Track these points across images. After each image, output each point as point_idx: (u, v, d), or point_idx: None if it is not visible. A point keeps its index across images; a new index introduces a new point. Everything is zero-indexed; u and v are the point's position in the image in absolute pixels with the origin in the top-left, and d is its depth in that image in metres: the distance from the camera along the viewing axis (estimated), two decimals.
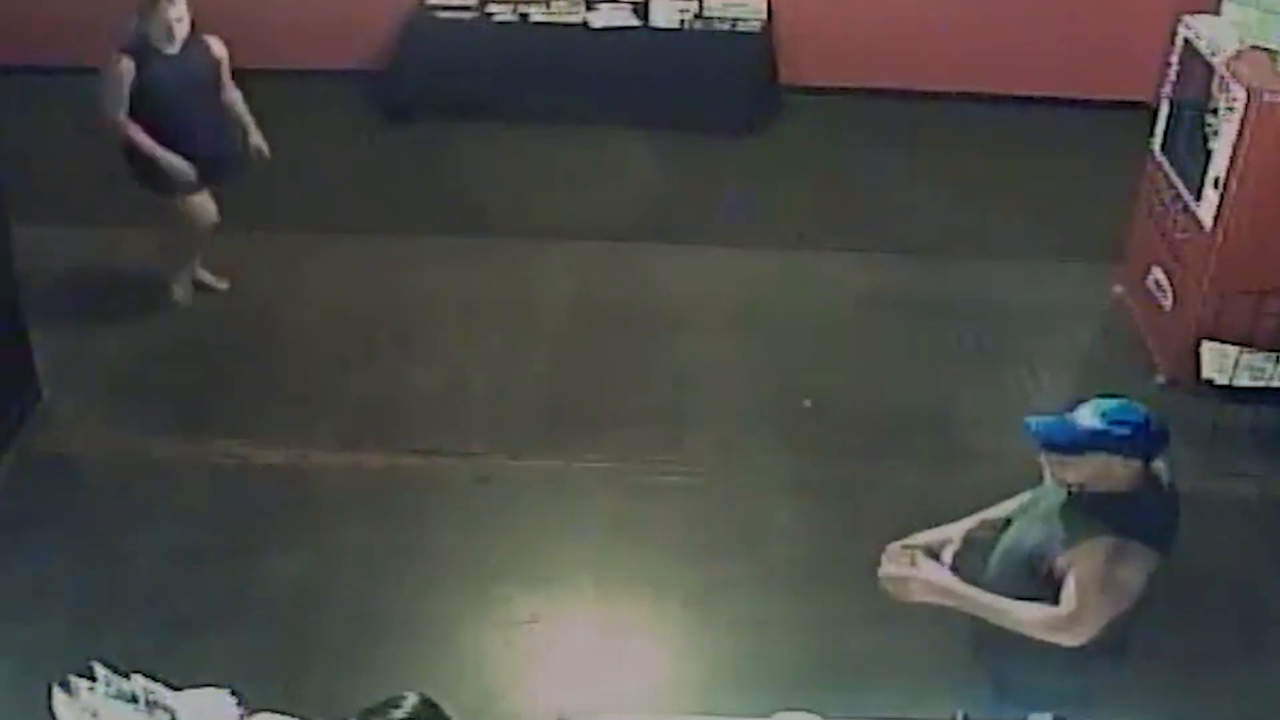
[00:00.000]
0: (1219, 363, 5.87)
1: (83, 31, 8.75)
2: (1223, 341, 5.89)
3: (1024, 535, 3.57)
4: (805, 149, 8.42)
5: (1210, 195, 5.87)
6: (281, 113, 8.38)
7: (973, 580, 3.51)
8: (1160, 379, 6.19)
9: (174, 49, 6.16)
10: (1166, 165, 6.45)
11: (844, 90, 8.93)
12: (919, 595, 3.48)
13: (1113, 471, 3.43)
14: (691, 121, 8.41)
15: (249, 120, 6.51)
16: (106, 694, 2.82)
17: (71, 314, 6.39)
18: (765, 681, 4.41)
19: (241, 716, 3.01)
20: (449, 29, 8.76)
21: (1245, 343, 5.84)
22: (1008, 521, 3.76)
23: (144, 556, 4.99)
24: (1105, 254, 6.98)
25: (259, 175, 6.57)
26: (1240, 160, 5.67)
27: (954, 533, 3.76)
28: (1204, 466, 5.72)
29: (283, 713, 3.06)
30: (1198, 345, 5.94)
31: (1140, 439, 3.44)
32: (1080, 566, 3.36)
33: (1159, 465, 3.60)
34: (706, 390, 6.13)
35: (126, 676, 2.87)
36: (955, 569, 3.56)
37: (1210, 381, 5.88)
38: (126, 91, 6.13)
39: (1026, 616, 3.41)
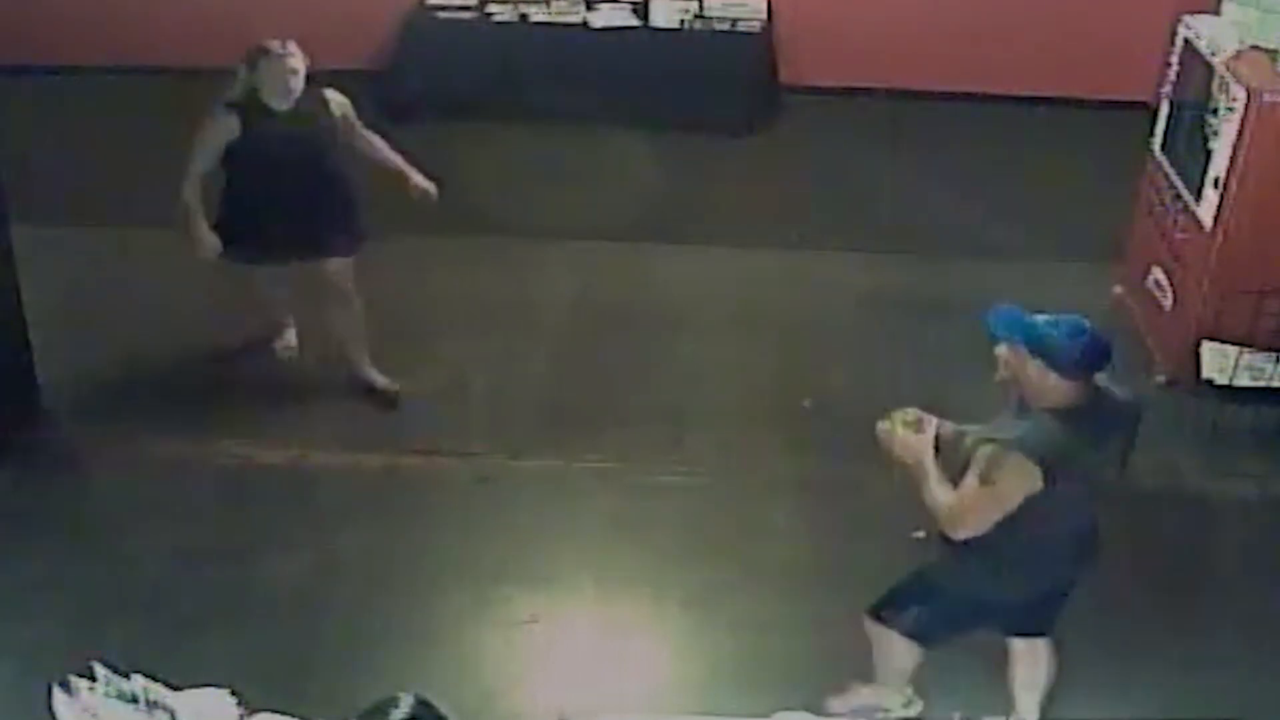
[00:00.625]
0: (1219, 363, 5.87)
1: (83, 32, 8.80)
2: (1223, 341, 5.89)
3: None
4: (805, 149, 8.41)
5: (1210, 195, 5.87)
6: None
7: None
8: (1160, 379, 6.19)
9: (287, 105, 5.47)
10: (1166, 165, 6.45)
11: (844, 90, 8.93)
12: (898, 451, 3.87)
13: (1034, 377, 3.65)
14: (691, 121, 8.41)
15: (399, 163, 5.81)
16: (106, 694, 2.82)
17: (72, 314, 6.39)
18: (765, 681, 4.41)
19: (241, 716, 3.01)
20: (449, 29, 8.75)
21: (1245, 343, 5.84)
22: None
23: (144, 556, 4.99)
24: (1105, 254, 6.98)
25: None
26: (1240, 160, 5.67)
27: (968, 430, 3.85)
28: (1204, 466, 5.73)
29: (283, 713, 3.06)
30: (1198, 345, 5.94)
31: (1053, 343, 3.65)
32: (973, 467, 3.60)
33: (1115, 404, 3.81)
34: (706, 390, 6.13)
35: (126, 676, 2.86)
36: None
37: (1210, 381, 5.88)
38: (218, 153, 5.45)
39: (931, 498, 3.73)
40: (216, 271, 5.83)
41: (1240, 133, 5.64)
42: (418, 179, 5.81)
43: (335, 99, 5.60)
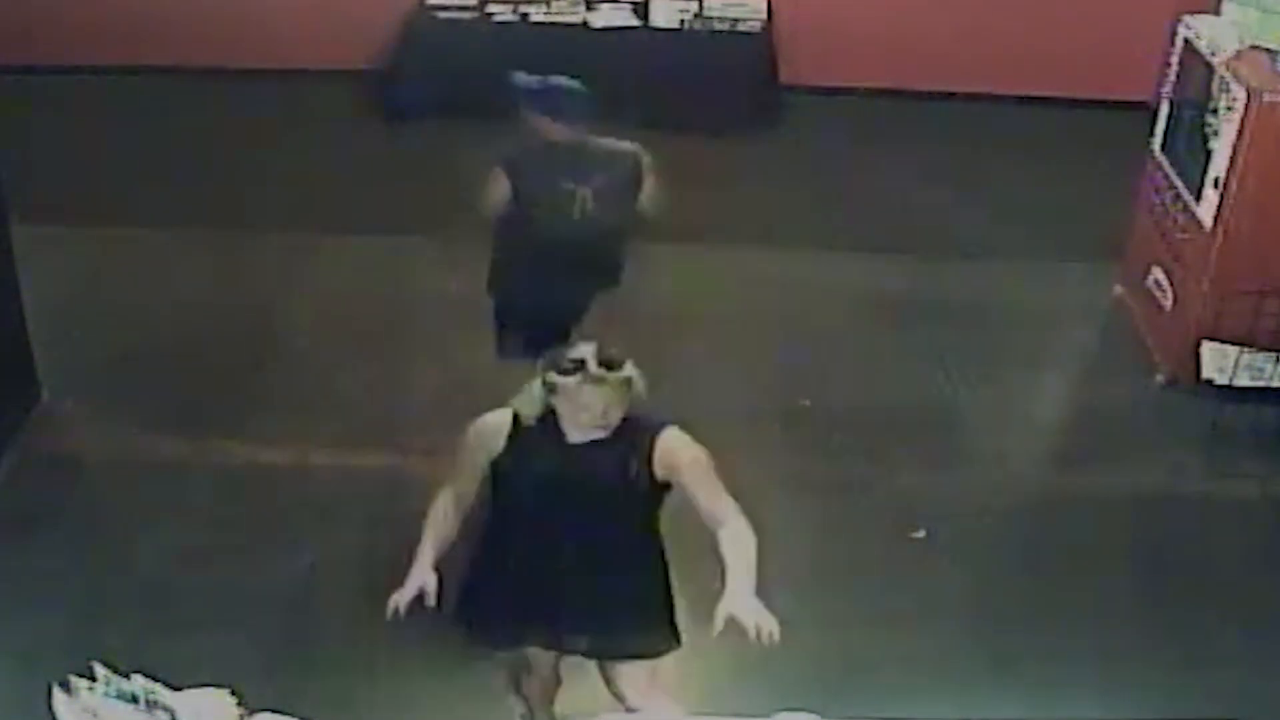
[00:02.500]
0: (1219, 363, 5.87)
1: (84, 32, 8.80)
2: (1223, 341, 5.89)
3: None
4: (805, 149, 8.41)
5: (1210, 195, 5.87)
6: (281, 113, 8.44)
7: None
8: (1160, 379, 6.19)
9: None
10: (1166, 165, 6.45)
11: (844, 90, 8.93)
12: None
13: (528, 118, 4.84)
14: (691, 121, 8.39)
15: None
16: (106, 694, 2.82)
17: (71, 314, 6.39)
18: (765, 681, 4.40)
19: (241, 716, 3.01)
20: (449, 29, 8.75)
21: (1245, 343, 5.85)
22: None
23: (144, 556, 4.99)
24: (1105, 254, 6.98)
25: (259, 175, 6.58)
26: (1240, 160, 5.67)
27: None
28: (1204, 466, 5.74)
29: (283, 713, 3.06)
30: (1198, 345, 5.94)
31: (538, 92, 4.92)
32: None
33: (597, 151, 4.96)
34: (706, 390, 6.12)
35: (126, 676, 2.86)
36: None
37: (1210, 381, 5.89)
38: None
39: None
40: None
41: (1240, 133, 5.64)
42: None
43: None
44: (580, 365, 3.40)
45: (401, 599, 3.57)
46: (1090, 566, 5.11)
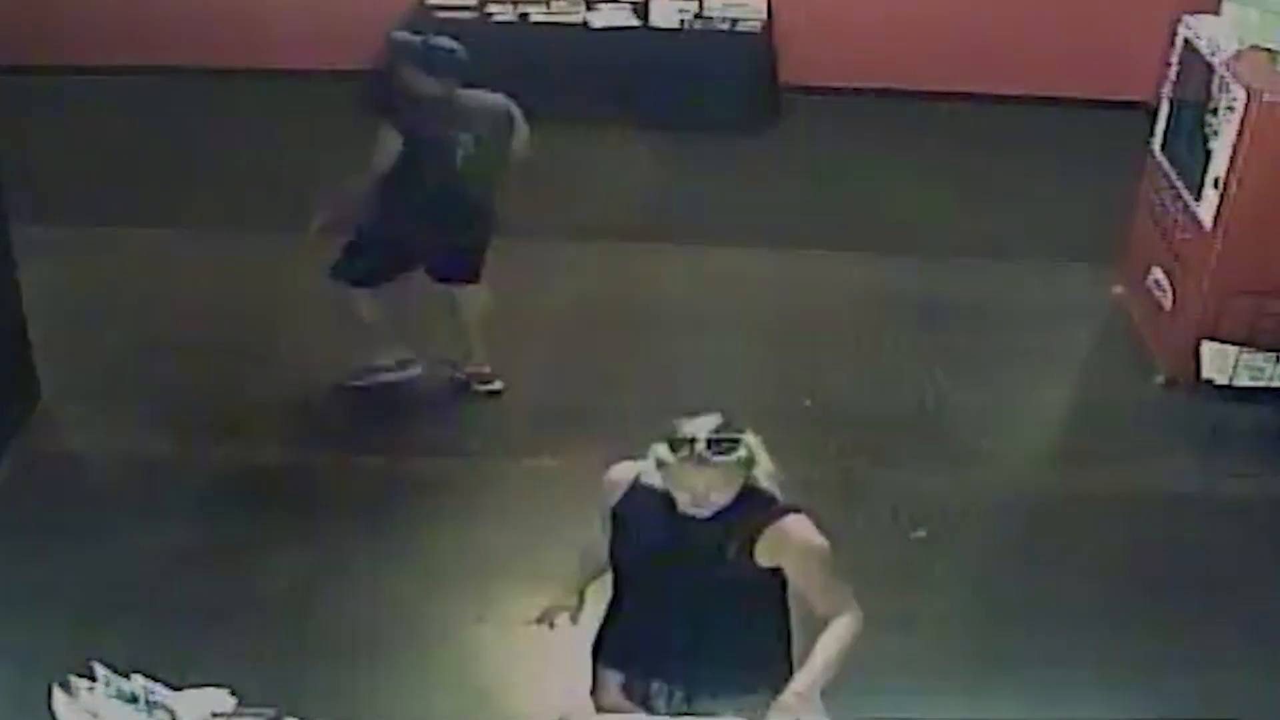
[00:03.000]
0: (1219, 363, 5.88)
1: (85, 32, 8.80)
2: (1223, 341, 5.89)
3: None
4: (805, 149, 8.42)
5: (1210, 195, 5.87)
6: (281, 113, 8.43)
7: None
8: (1160, 379, 6.19)
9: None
10: (1166, 165, 6.45)
11: (844, 90, 8.93)
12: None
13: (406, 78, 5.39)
14: (691, 121, 8.41)
15: None
16: (106, 694, 2.82)
17: (71, 314, 6.39)
18: None
19: (241, 716, 3.01)
20: (449, 29, 8.70)
21: (1245, 343, 5.85)
22: None
23: (144, 556, 4.99)
24: (1105, 254, 6.98)
25: (259, 175, 6.57)
26: (1240, 160, 5.67)
27: None
28: (1204, 466, 5.73)
29: (283, 712, 3.06)
30: (1198, 345, 5.94)
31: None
32: None
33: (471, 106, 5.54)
34: (706, 390, 6.11)
35: (126, 676, 2.86)
36: None
37: (1210, 381, 5.89)
38: None
39: None
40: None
41: (1240, 133, 5.64)
42: None
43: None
44: (688, 444, 3.22)
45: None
46: (1090, 566, 5.11)
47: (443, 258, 5.69)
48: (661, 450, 3.25)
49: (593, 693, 3.63)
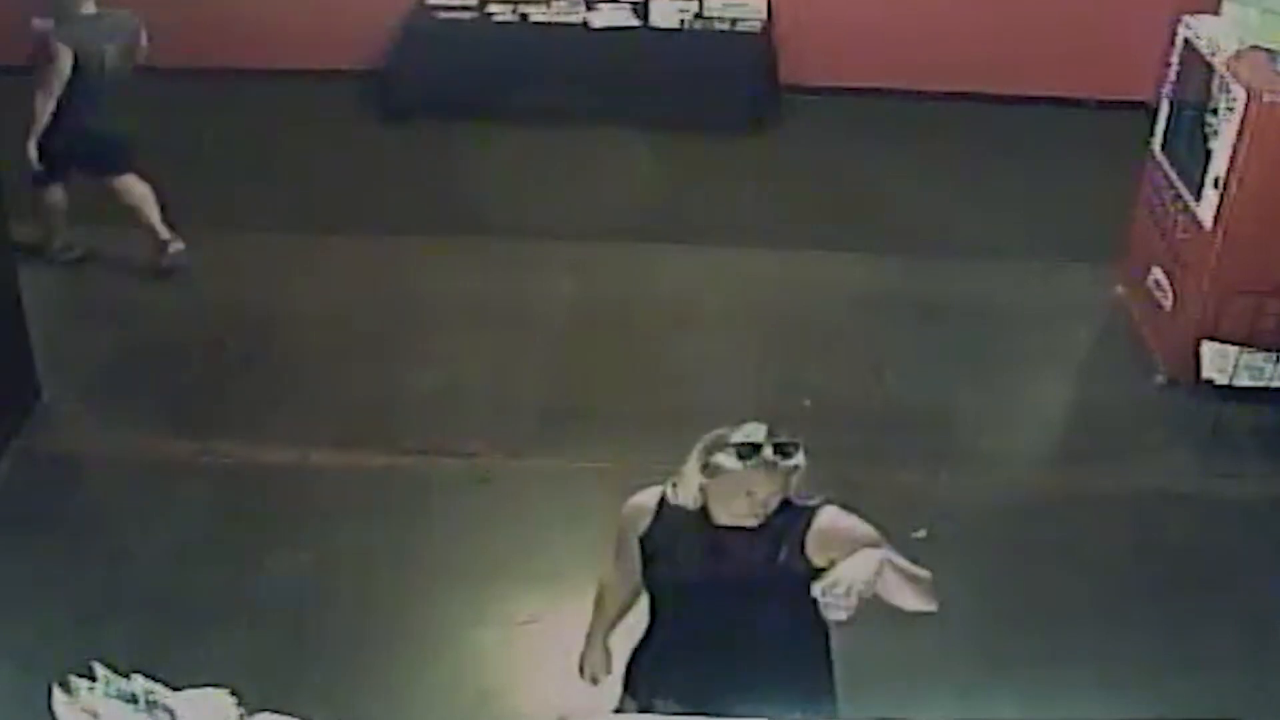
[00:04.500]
0: (1219, 363, 5.87)
1: None
2: (1223, 341, 5.89)
3: None
4: (805, 149, 8.42)
5: (1210, 195, 5.87)
6: (281, 113, 8.43)
7: None
8: (1160, 379, 6.19)
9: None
10: (1166, 165, 6.45)
11: (844, 90, 8.93)
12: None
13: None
14: (691, 121, 8.41)
15: None
16: (106, 694, 2.82)
17: (71, 313, 6.39)
18: None
19: (242, 716, 3.01)
20: (449, 29, 8.76)
21: (1245, 343, 5.85)
22: None
23: (144, 556, 4.99)
24: (1105, 254, 6.98)
25: (259, 175, 6.58)
26: (1240, 160, 5.67)
27: None
28: (1204, 466, 5.74)
29: (283, 713, 3.06)
30: (1198, 345, 5.94)
31: None
32: None
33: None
34: (706, 390, 6.12)
35: (126, 676, 2.86)
36: None
37: (1210, 381, 5.88)
38: None
39: None
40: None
41: (1240, 133, 5.64)
42: None
43: None
44: (754, 450, 3.20)
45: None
46: (1090, 566, 5.11)
47: (100, 152, 6.69)
48: (726, 460, 3.19)
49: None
